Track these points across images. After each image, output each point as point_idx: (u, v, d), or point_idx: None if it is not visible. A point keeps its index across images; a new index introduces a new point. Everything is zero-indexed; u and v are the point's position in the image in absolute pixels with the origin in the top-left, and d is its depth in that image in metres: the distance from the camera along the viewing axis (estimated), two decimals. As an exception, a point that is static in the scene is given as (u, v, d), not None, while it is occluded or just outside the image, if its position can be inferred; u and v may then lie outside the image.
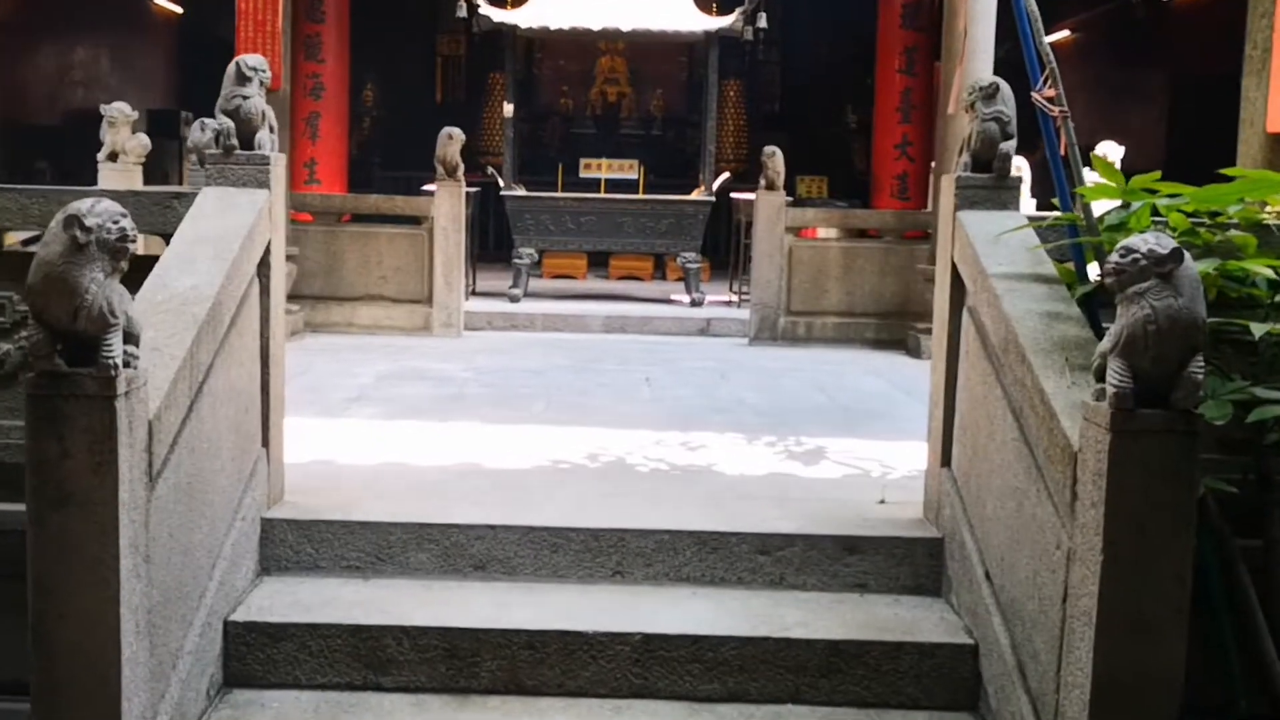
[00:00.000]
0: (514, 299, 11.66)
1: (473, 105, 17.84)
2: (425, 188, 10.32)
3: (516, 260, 11.84)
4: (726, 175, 12.66)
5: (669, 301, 12.16)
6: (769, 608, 4.13)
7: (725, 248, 14.60)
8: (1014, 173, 9.96)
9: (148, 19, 17.17)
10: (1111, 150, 9.60)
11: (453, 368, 8.13)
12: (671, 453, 5.70)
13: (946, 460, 4.47)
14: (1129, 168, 11.89)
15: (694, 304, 11.80)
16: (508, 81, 12.21)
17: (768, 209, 9.96)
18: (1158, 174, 3.90)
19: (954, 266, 4.47)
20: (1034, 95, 4.15)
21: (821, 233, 11.45)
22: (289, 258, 9.23)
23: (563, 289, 13.04)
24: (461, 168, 9.93)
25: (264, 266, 4.32)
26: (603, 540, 4.30)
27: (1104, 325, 3.99)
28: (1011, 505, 3.77)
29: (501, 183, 11.99)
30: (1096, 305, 3.99)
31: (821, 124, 17.88)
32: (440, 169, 9.88)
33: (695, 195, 12.21)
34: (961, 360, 4.40)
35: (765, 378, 8.14)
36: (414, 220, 10.01)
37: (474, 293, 12.14)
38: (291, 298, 9.41)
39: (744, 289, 11.90)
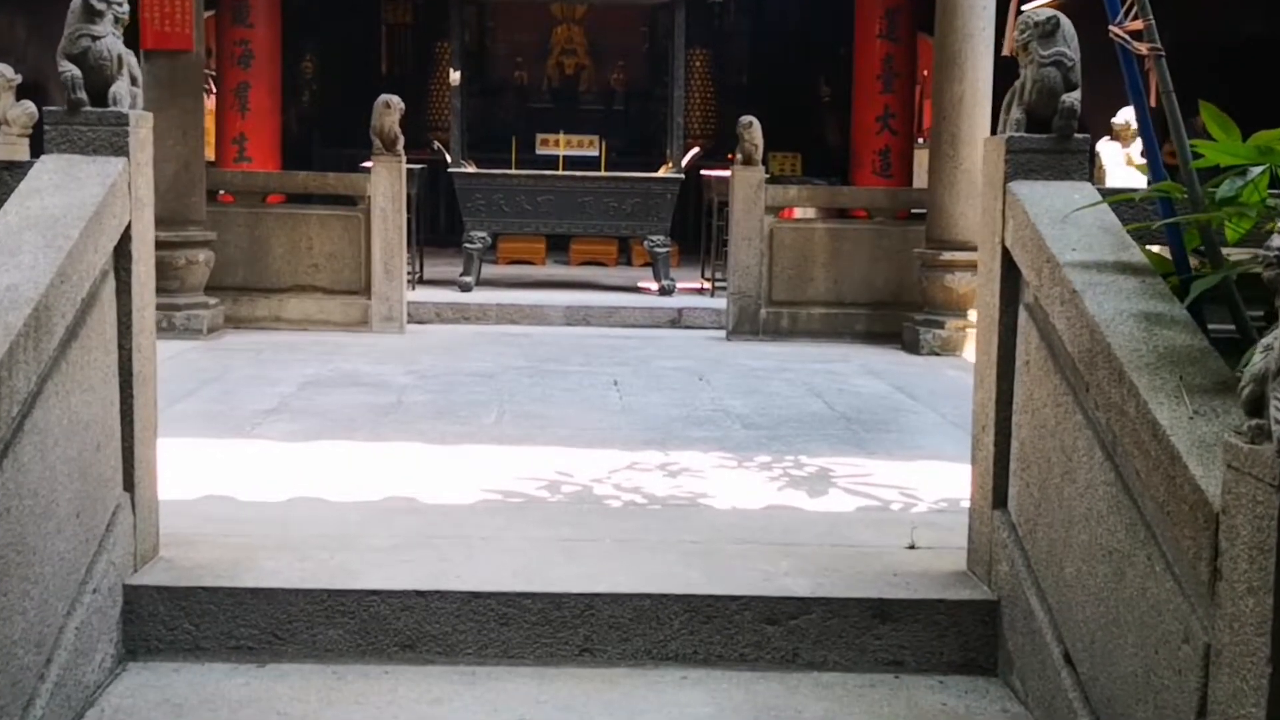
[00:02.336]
0: (465, 288, 10.76)
1: (421, 77, 16.83)
2: (364, 165, 9.36)
3: (467, 245, 10.92)
4: (696, 151, 11.80)
5: (636, 290, 11.31)
6: (782, 697, 3.25)
7: (694, 230, 13.75)
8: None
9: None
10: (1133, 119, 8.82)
11: (391, 371, 7.20)
12: (649, 480, 4.81)
13: (1000, 500, 3.61)
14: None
15: (663, 292, 10.94)
16: (454, 47, 11.23)
17: (746, 187, 9.08)
18: (1290, 127, 3.04)
19: (1004, 252, 3.60)
20: (1113, 30, 3.28)
21: (799, 213, 10.64)
22: (206, 244, 8.29)
23: (520, 275, 12.16)
24: (401, 140, 8.97)
25: (123, 257, 3.40)
26: (566, 608, 3.41)
27: (1211, 329, 3.18)
28: (1105, 571, 2.91)
29: (449, 159, 11.03)
30: (1203, 304, 3.14)
31: (792, 97, 16.96)
32: (377, 142, 8.93)
33: (663, 172, 11.32)
34: (1019, 373, 3.53)
35: (750, 380, 7.26)
36: (349, 200, 9.04)
37: (421, 280, 11.23)
38: (210, 289, 8.45)
39: (718, 275, 11.07)
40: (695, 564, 3.69)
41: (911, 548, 3.96)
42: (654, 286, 11.14)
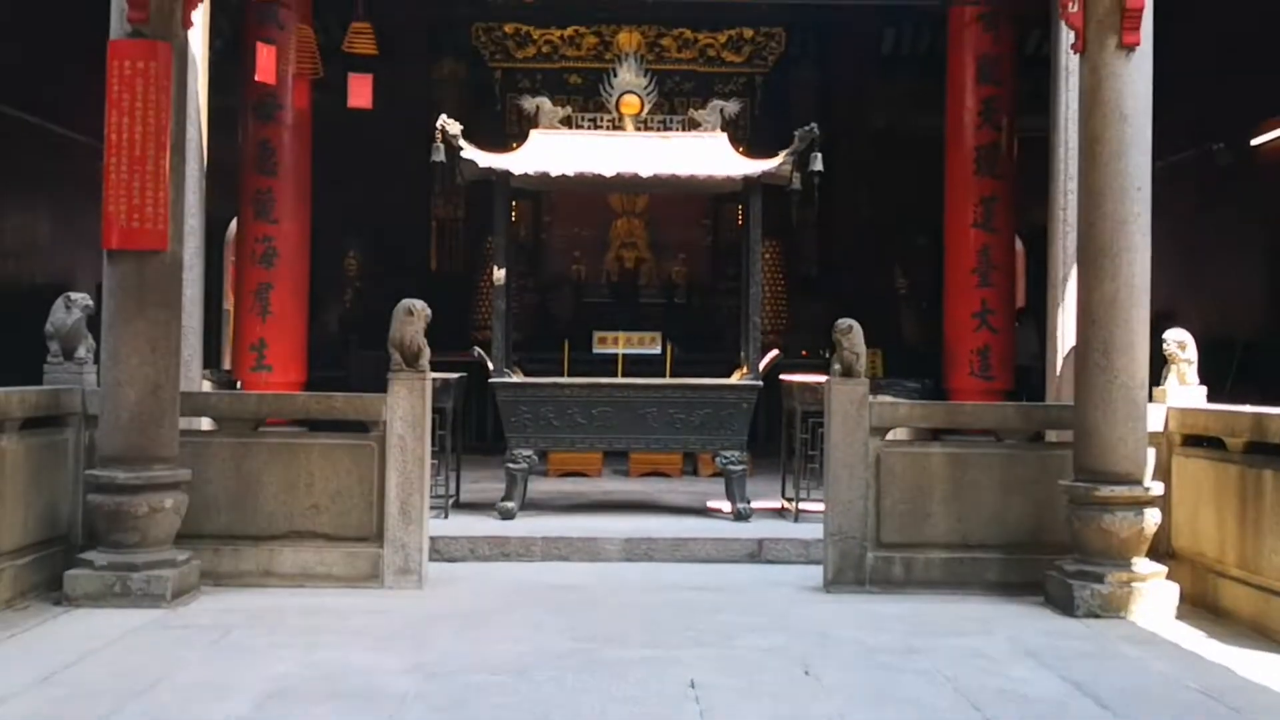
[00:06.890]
0: (507, 515, 8.82)
1: (472, 275, 15.29)
2: (393, 375, 7.50)
3: (510, 465, 8.99)
4: (776, 353, 9.83)
5: (706, 512, 9.30)
6: None
7: (765, 431, 11.80)
8: (1176, 350, 6.92)
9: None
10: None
11: (390, 665, 5.11)
12: None
13: None
14: (1216, 332, 9.27)
15: (738, 517, 8.95)
16: (498, 242, 9.47)
17: (846, 403, 7.06)
18: None
19: None
20: None
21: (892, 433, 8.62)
22: (176, 486, 6.39)
23: (571, 495, 10.19)
24: (426, 353, 7.07)
25: None
26: None
27: None
28: None
29: (490, 366, 9.16)
30: None
31: (867, 289, 15.15)
32: (397, 355, 7.04)
33: (736, 378, 9.38)
34: None
35: (874, 673, 5.11)
36: (360, 426, 7.10)
37: (457, 504, 9.27)
38: (184, 538, 6.49)
39: (802, 496, 9.01)
40: None
41: None
42: (726, 508, 9.15)
